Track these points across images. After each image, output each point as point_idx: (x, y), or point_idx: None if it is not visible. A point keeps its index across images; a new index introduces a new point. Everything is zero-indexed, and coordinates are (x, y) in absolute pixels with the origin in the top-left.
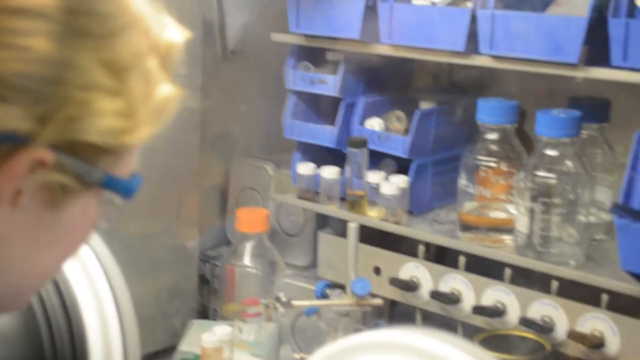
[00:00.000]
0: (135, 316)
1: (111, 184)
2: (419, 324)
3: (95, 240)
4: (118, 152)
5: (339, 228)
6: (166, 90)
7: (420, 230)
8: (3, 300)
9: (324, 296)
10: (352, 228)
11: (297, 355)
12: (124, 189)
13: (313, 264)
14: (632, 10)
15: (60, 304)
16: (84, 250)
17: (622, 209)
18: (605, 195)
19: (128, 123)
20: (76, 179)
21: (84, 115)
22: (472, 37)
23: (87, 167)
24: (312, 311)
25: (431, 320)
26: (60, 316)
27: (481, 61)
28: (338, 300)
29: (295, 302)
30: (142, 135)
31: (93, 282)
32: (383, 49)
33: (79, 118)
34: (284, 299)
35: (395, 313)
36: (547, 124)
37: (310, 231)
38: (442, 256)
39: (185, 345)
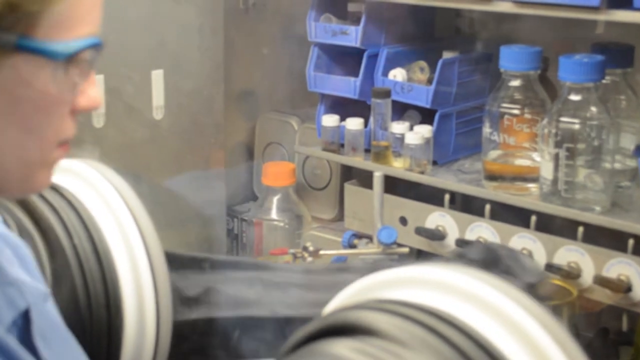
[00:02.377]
0: (165, 262)
1: (29, 47)
2: None
3: (127, 191)
4: (27, 12)
5: (364, 180)
6: None
7: (446, 179)
8: (4, 187)
9: (351, 246)
10: (378, 178)
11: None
12: (50, 52)
13: (338, 217)
14: None
15: (92, 250)
16: (115, 200)
17: None
18: (629, 141)
19: None
20: None
21: None
22: None
23: None
24: (340, 260)
25: None
26: (93, 262)
27: (503, 7)
28: (365, 249)
29: (322, 252)
30: None
31: (124, 229)
32: None
33: None
34: (311, 248)
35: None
36: (570, 68)
37: (336, 184)
38: (467, 205)
39: None
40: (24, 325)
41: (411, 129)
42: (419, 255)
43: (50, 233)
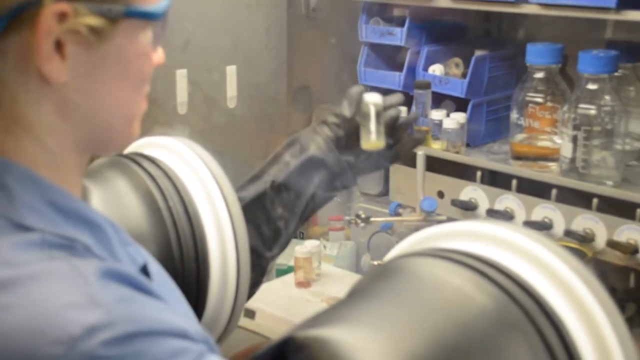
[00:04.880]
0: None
1: (134, 12)
2: None
3: (211, 162)
4: None
5: (407, 160)
6: None
7: (478, 158)
8: (108, 143)
9: (397, 214)
10: (420, 156)
11: (375, 262)
12: (151, 14)
13: (384, 192)
14: None
15: (184, 211)
16: (202, 169)
17: None
18: (637, 126)
19: None
20: (101, 17)
21: None
22: None
23: (104, 5)
24: (387, 226)
25: None
26: (184, 221)
27: (530, 9)
28: (409, 217)
29: (372, 219)
30: None
31: (210, 194)
32: (443, 2)
33: None
34: (363, 215)
35: None
36: (588, 62)
37: None
38: (496, 181)
39: (280, 259)
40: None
41: (448, 115)
42: None
43: (149, 197)
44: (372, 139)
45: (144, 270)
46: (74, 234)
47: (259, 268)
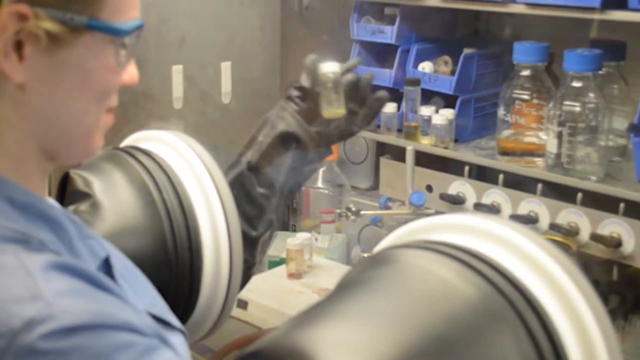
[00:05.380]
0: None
1: (97, 26)
2: None
3: (205, 155)
4: None
5: (396, 155)
6: None
7: (466, 154)
8: (66, 151)
9: (386, 207)
10: (410, 151)
11: (365, 254)
12: (115, 29)
13: (374, 186)
14: None
15: (178, 203)
16: (196, 162)
17: (637, 129)
18: (620, 123)
19: None
20: (61, 25)
21: None
22: None
23: (67, 14)
24: (377, 219)
25: None
26: (178, 213)
27: (517, 8)
28: (398, 210)
29: (363, 212)
30: None
31: (203, 186)
32: (433, 1)
33: None
34: (353, 208)
35: None
36: (573, 60)
37: (372, 159)
38: (483, 175)
39: (272, 251)
40: (106, 271)
41: (437, 112)
42: None
43: (144, 189)
44: (332, 107)
45: (106, 263)
46: (30, 229)
47: (247, 248)
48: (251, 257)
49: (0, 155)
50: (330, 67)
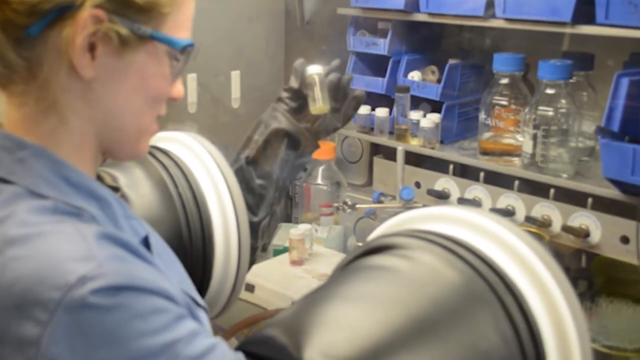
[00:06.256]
0: (245, 205)
1: (160, 37)
2: None
3: (217, 154)
4: (159, 12)
5: (388, 154)
6: None
7: (450, 154)
8: (118, 147)
9: (379, 202)
10: (400, 151)
11: (359, 243)
12: (173, 42)
13: (368, 183)
14: None
15: (192, 197)
16: (209, 160)
17: (604, 131)
18: (589, 127)
19: None
20: (130, 31)
21: None
22: (490, 5)
23: (135, 24)
24: (371, 212)
25: None
26: (192, 205)
27: (497, 23)
28: (390, 204)
29: (358, 205)
30: None
31: (215, 181)
32: (421, 17)
33: None
34: (350, 202)
35: None
36: (547, 69)
37: (366, 158)
38: (466, 173)
39: (277, 240)
40: (145, 247)
41: (424, 116)
42: None
43: (162, 184)
44: (318, 104)
45: (145, 241)
46: (83, 205)
47: (250, 232)
48: (253, 241)
49: (65, 141)
50: (315, 69)
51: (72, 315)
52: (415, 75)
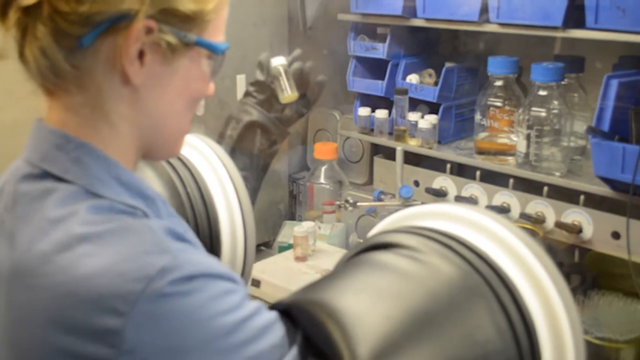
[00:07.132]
0: (250, 204)
1: (204, 43)
2: None
3: (224, 155)
4: (203, 20)
5: (388, 154)
6: None
7: (448, 153)
8: (159, 148)
9: (379, 200)
10: (399, 151)
11: (360, 240)
12: (215, 47)
13: (368, 182)
14: None
15: (200, 196)
16: (214, 159)
17: (595, 131)
18: (580, 127)
19: None
20: (177, 39)
21: None
22: (484, 10)
23: (181, 32)
24: (371, 210)
25: None
26: (200, 204)
27: (491, 28)
28: (390, 202)
29: (359, 203)
30: (214, 5)
31: (222, 181)
32: (419, 22)
33: None
34: (351, 200)
35: None
36: (539, 72)
37: (367, 158)
38: (462, 172)
39: (281, 238)
40: None
41: (422, 117)
42: None
43: (170, 184)
44: (286, 93)
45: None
46: (134, 203)
47: None
48: None
49: (116, 143)
50: (279, 61)
51: (153, 305)
52: (413, 78)
